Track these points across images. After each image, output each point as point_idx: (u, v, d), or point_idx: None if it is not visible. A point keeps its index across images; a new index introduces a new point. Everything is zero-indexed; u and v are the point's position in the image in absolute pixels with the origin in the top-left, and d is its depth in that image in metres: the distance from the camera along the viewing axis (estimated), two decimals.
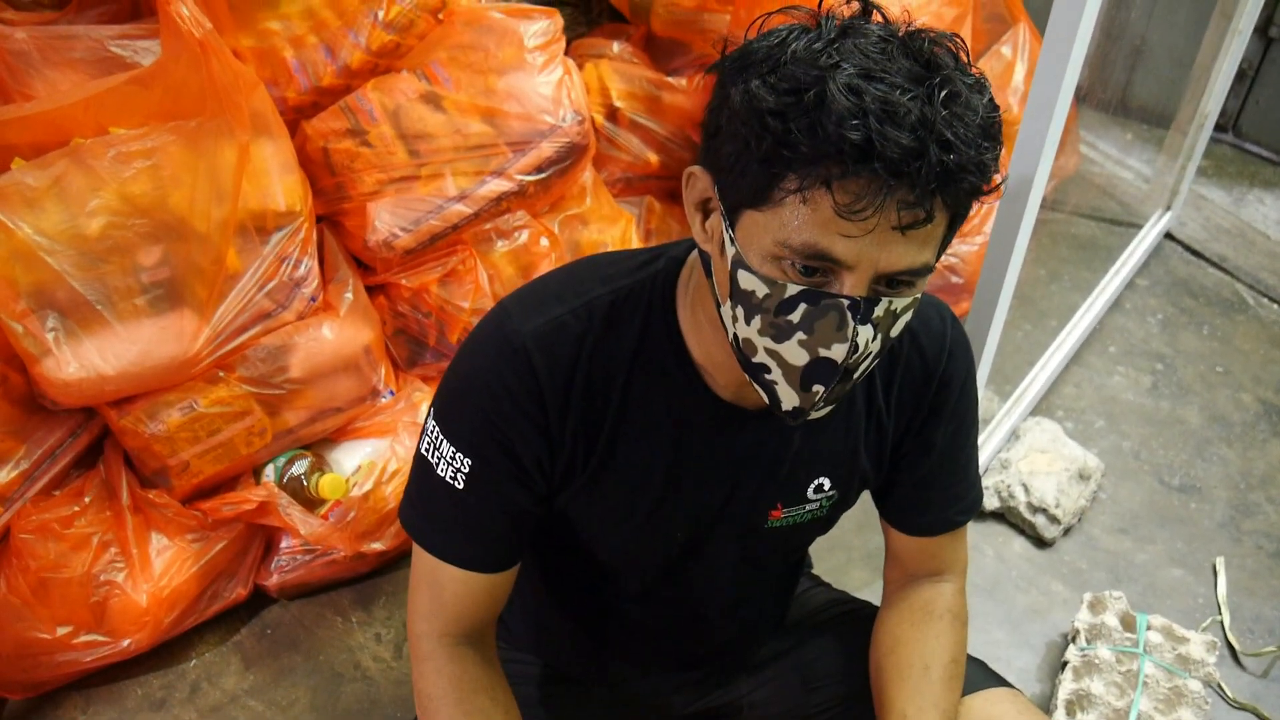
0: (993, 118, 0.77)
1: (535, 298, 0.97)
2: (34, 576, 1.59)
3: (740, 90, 0.78)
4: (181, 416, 1.65)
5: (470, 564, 1.01)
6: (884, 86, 0.73)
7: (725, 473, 1.02)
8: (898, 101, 0.72)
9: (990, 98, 0.78)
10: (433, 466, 0.98)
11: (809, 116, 0.73)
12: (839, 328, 0.81)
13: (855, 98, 0.72)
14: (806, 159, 0.74)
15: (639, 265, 0.99)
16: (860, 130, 0.72)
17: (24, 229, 1.48)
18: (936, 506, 1.13)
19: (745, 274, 0.82)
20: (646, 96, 2.17)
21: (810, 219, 0.76)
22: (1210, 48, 2.51)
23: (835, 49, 0.75)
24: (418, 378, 1.96)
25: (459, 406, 0.97)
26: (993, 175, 0.78)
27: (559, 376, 0.94)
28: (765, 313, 0.82)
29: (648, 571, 1.11)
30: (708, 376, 0.97)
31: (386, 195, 1.81)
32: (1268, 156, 3.14)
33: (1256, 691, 1.79)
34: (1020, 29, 2.38)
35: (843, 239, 0.76)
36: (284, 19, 1.71)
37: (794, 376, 0.85)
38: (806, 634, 1.28)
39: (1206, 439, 2.27)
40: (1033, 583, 1.96)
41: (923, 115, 0.72)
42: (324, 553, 1.82)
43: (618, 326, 0.96)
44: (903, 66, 0.75)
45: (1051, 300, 2.60)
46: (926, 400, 1.05)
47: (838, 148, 0.72)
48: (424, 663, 1.04)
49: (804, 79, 0.74)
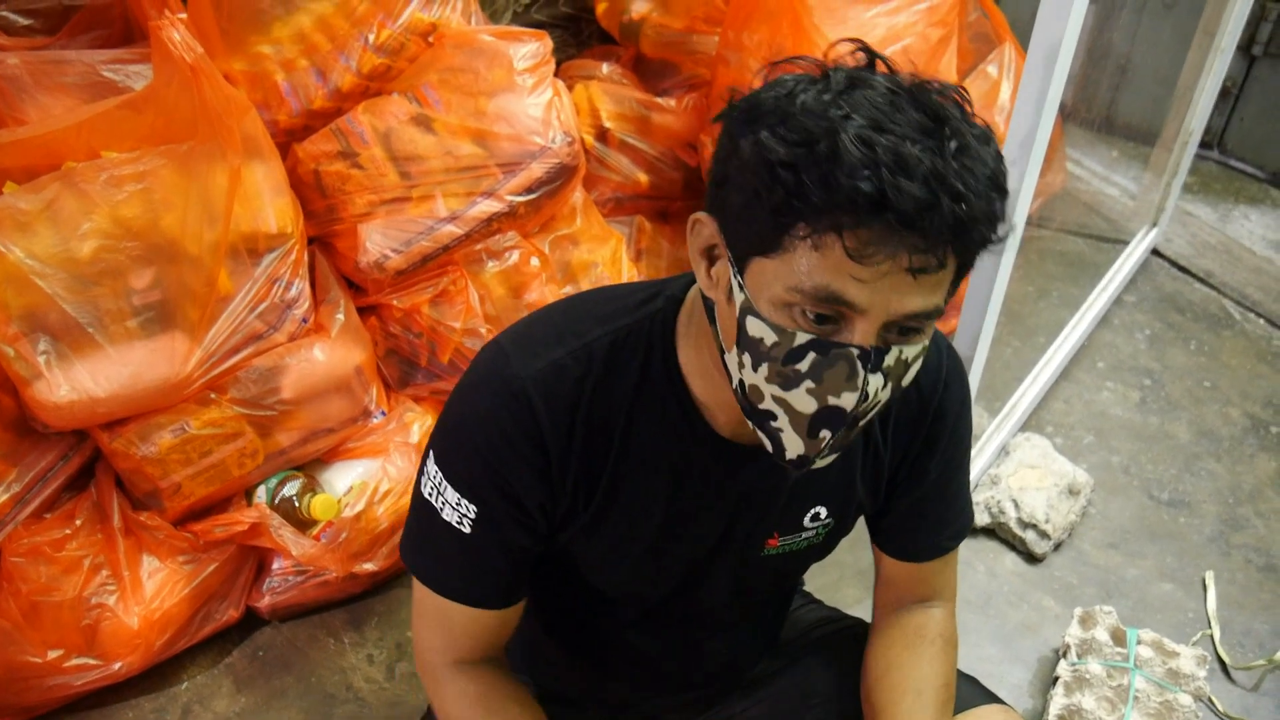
0: (1000, 169, 0.78)
1: (533, 339, 0.97)
2: (25, 600, 1.59)
3: (750, 141, 0.77)
4: (173, 438, 1.65)
5: (480, 603, 1.02)
6: (894, 138, 0.72)
7: (724, 507, 1.02)
8: (909, 153, 0.72)
9: (996, 149, 0.78)
10: (437, 511, 0.98)
11: (821, 168, 0.73)
12: (849, 377, 0.80)
13: (867, 149, 0.72)
14: (818, 209, 0.74)
15: (637, 304, 0.98)
16: (873, 181, 0.71)
17: (16, 252, 1.48)
18: (927, 533, 1.14)
19: (754, 321, 0.81)
20: (636, 117, 2.19)
21: (822, 263, 0.76)
22: (1194, 66, 2.53)
23: (845, 100, 0.75)
24: (409, 398, 1.97)
25: (460, 451, 0.97)
26: (1001, 225, 0.78)
27: (560, 421, 0.93)
28: (773, 360, 0.82)
29: (646, 601, 1.11)
30: (708, 414, 0.97)
31: (378, 217, 1.82)
32: (1252, 173, 3.17)
33: (1247, 705, 1.79)
34: (1006, 49, 2.39)
35: (855, 282, 0.76)
36: (275, 43, 1.73)
37: (801, 423, 0.84)
38: (799, 653, 1.28)
39: (1195, 454, 2.28)
40: (1024, 598, 1.97)
41: (934, 167, 0.72)
42: (316, 574, 1.82)
43: (618, 368, 0.95)
44: (912, 119, 0.74)
45: (1040, 317, 2.61)
46: (922, 431, 1.06)
47: (850, 198, 0.72)
48: (444, 688, 1.04)
49: (814, 130, 0.74)
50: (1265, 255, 2.85)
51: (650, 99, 2.21)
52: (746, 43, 2.05)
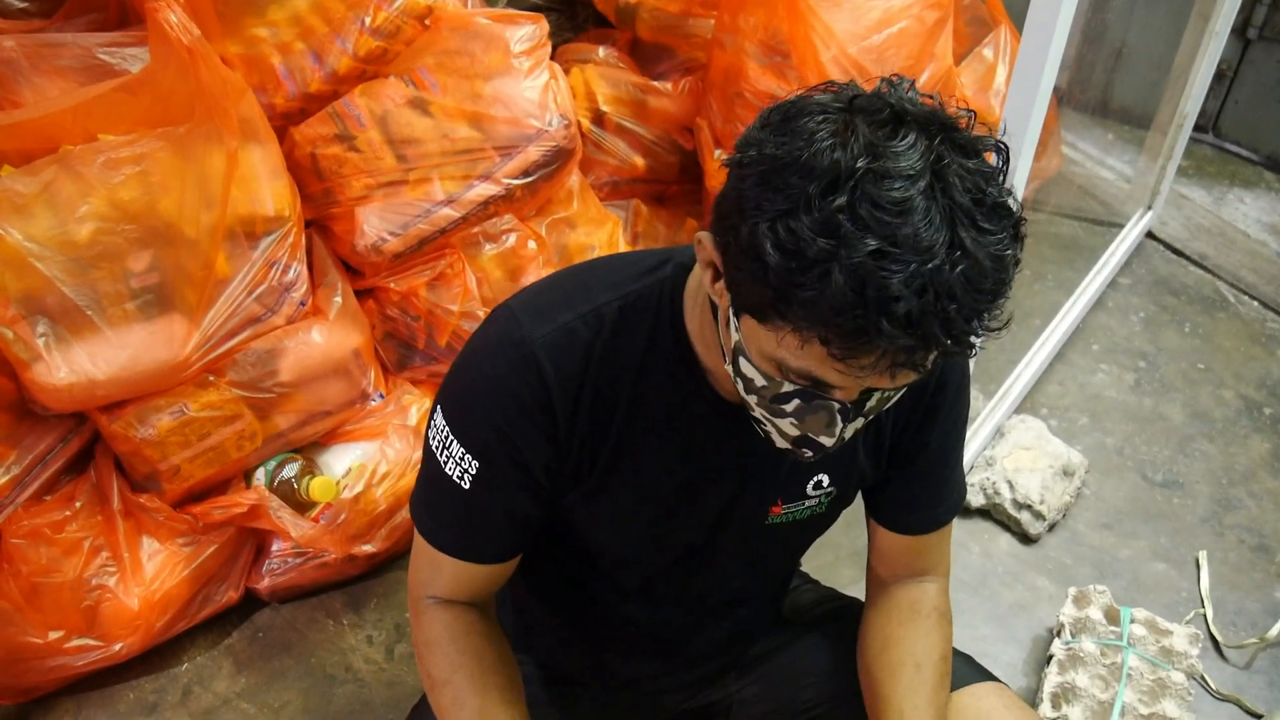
0: (1008, 271, 0.75)
1: (543, 303, 0.97)
2: (25, 581, 1.60)
3: (748, 228, 0.74)
4: (172, 421, 1.66)
5: (466, 556, 1.04)
6: (896, 265, 0.69)
7: (731, 472, 1.03)
8: (901, 296, 0.70)
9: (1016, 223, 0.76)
10: (440, 463, 0.99)
11: (811, 290, 0.71)
12: (828, 425, 0.84)
13: (856, 291, 0.70)
14: (803, 321, 0.74)
15: (646, 270, 0.99)
16: (857, 322, 0.71)
17: (14, 235, 1.48)
18: (925, 505, 1.15)
19: (745, 362, 0.84)
20: (632, 101, 2.19)
21: (806, 354, 0.77)
22: (1189, 49, 2.54)
23: (856, 197, 0.70)
24: (407, 381, 1.97)
25: (467, 409, 0.98)
26: (996, 322, 0.76)
27: (569, 385, 0.95)
28: (761, 396, 0.85)
29: (649, 571, 1.12)
30: (713, 379, 0.98)
31: (375, 200, 1.82)
32: (1247, 156, 3.17)
33: (1239, 683, 1.81)
34: (1002, 31, 2.40)
35: (837, 374, 0.77)
36: (271, 26, 1.73)
37: (786, 440, 0.89)
38: (796, 632, 1.29)
39: (1189, 435, 2.29)
40: (1018, 578, 1.98)
41: (922, 307, 0.70)
42: (315, 555, 1.82)
43: (626, 333, 0.96)
44: (932, 218, 0.71)
45: (1035, 299, 2.62)
46: (924, 402, 1.07)
47: (836, 328, 0.72)
48: (421, 616, 1.06)
49: (810, 252, 0.71)
50: (1259, 238, 2.86)
51: (646, 83, 2.21)
52: (742, 26, 2.05)
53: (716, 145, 2.16)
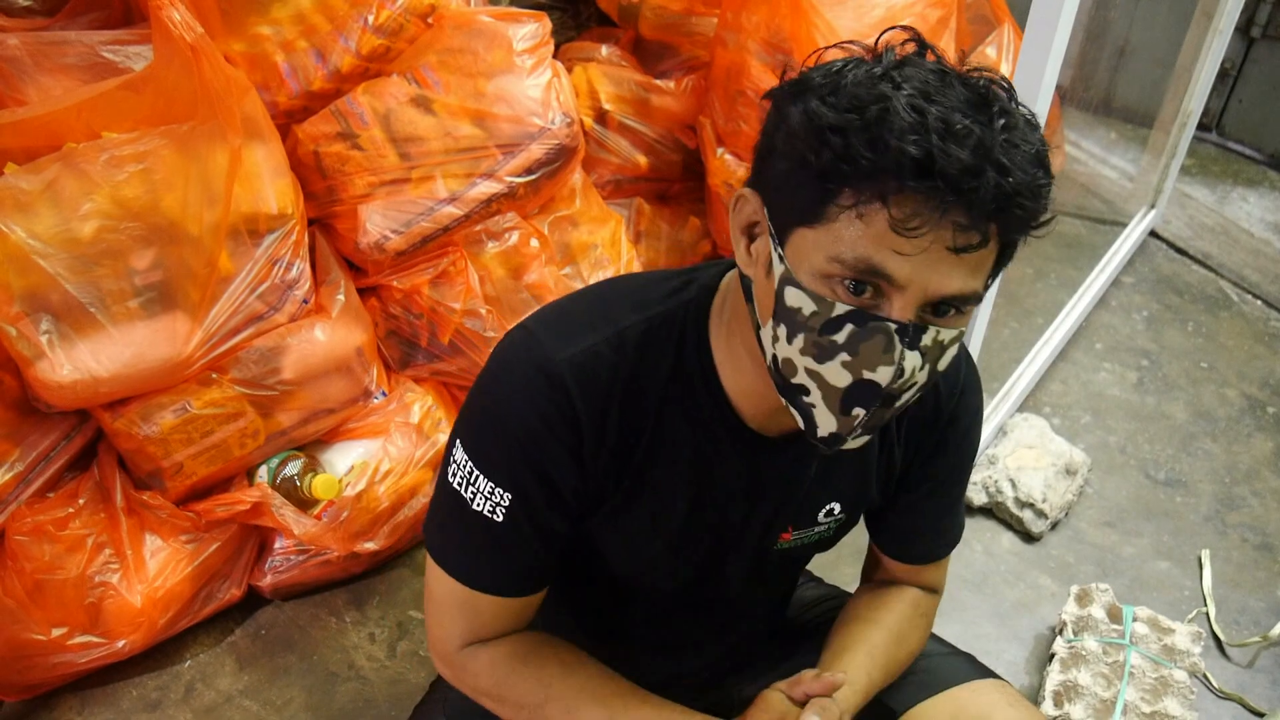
0: (1045, 151, 0.78)
1: (564, 324, 0.95)
2: (29, 578, 1.60)
3: (799, 110, 0.78)
4: (175, 418, 1.66)
5: (508, 591, 1.01)
6: (944, 108, 0.74)
7: (744, 499, 1.03)
8: (958, 122, 0.73)
9: (1042, 135, 0.79)
10: (467, 502, 0.96)
11: (870, 131, 0.73)
12: (885, 350, 0.79)
13: (917, 115, 0.73)
14: (864, 173, 0.74)
15: (670, 292, 0.97)
16: (921, 145, 0.72)
17: (17, 233, 1.49)
18: (925, 540, 1.17)
19: (793, 290, 0.81)
20: (635, 99, 2.19)
21: (865, 234, 0.76)
22: (1192, 47, 2.54)
23: (895, 73, 0.77)
24: (410, 379, 1.98)
25: (493, 438, 0.94)
26: (1045, 206, 0.78)
27: (595, 406, 0.92)
28: (810, 331, 0.81)
29: (658, 588, 1.12)
30: (736, 405, 0.97)
31: (377, 198, 1.82)
32: (1250, 155, 3.17)
33: (1242, 681, 1.81)
34: (1005, 30, 2.39)
35: (896, 256, 0.75)
36: (274, 24, 1.73)
37: (834, 399, 0.83)
38: (797, 632, 1.29)
39: (1192, 434, 2.29)
40: (1020, 577, 1.98)
41: (982, 138, 0.73)
42: (317, 553, 1.83)
43: (651, 356, 0.95)
44: (961, 94, 0.76)
45: (1038, 298, 2.62)
46: (935, 434, 1.07)
47: (897, 161, 0.72)
48: (466, 667, 1.03)
49: (865, 97, 0.75)
50: (1263, 237, 2.86)
51: (649, 81, 2.21)
52: (745, 24, 2.05)
53: (719, 143, 2.16)
